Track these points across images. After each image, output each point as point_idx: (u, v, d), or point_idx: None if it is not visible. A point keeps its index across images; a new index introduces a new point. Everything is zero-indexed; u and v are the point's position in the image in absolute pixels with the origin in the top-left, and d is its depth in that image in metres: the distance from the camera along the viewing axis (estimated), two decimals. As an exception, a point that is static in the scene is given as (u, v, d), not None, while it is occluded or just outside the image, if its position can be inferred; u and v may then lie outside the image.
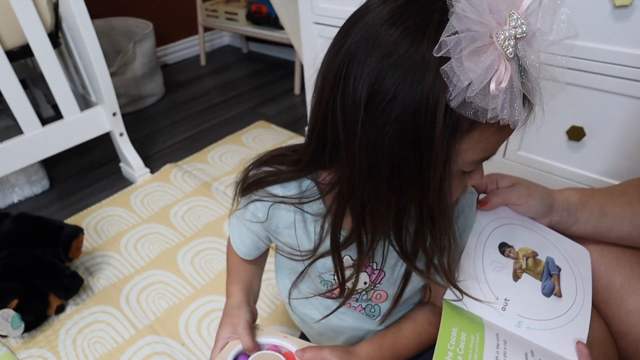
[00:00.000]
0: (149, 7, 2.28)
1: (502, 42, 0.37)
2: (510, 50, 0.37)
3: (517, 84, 0.38)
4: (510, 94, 0.38)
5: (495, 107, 0.37)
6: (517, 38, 0.37)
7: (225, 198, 1.39)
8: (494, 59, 0.37)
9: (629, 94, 0.90)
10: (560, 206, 0.56)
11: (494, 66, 0.37)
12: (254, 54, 2.59)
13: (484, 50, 0.37)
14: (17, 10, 1.14)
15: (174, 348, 0.97)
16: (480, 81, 0.36)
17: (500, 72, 0.37)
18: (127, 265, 1.19)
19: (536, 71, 0.39)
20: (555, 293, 0.53)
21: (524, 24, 0.37)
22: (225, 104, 2.03)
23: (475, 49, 0.36)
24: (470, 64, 0.36)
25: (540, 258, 0.56)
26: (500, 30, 0.37)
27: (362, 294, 0.59)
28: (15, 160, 1.27)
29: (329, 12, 1.32)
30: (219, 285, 1.11)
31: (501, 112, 0.38)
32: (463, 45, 0.36)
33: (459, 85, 0.36)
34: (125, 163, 1.54)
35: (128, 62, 1.90)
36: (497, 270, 0.54)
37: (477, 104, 0.37)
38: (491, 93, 0.37)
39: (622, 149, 0.96)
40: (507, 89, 0.37)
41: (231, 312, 0.62)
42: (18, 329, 0.96)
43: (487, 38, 0.37)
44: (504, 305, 0.52)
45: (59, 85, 1.29)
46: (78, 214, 1.38)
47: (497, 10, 0.37)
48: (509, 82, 0.37)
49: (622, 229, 0.56)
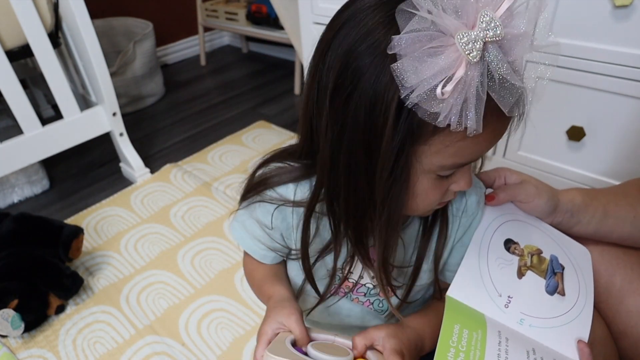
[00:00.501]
0: (149, 7, 2.28)
1: (465, 44, 0.34)
2: (474, 53, 0.34)
3: (476, 90, 0.35)
4: (465, 100, 0.35)
5: (445, 112, 0.35)
6: (487, 41, 0.35)
7: (225, 198, 1.39)
8: (451, 62, 0.35)
9: (629, 94, 0.90)
10: (564, 207, 0.56)
11: (448, 69, 0.35)
12: (254, 54, 2.59)
13: (442, 52, 0.35)
14: (17, 10, 1.14)
15: (174, 348, 0.97)
16: (428, 83, 0.35)
17: (456, 76, 0.35)
18: (127, 265, 1.19)
19: (512, 78, 0.36)
20: (558, 291, 0.53)
21: (499, 27, 0.35)
22: (225, 104, 2.03)
23: (431, 49, 0.35)
24: (421, 65, 0.35)
25: (545, 256, 0.56)
26: (465, 32, 0.34)
27: (370, 289, 0.59)
28: (15, 160, 1.27)
29: (329, 12, 1.32)
30: (219, 285, 1.11)
31: (451, 118, 0.36)
32: (418, 45, 0.34)
33: (405, 85, 0.35)
34: (125, 163, 1.54)
35: (128, 62, 1.90)
36: (501, 267, 0.54)
37: (423, 106, 0.35)
38: (437, 97, 0.35)
39: (622, 149, 0.96)
40: (459, 94, 0.35)
41: (280, 304, 0.54)
42: (18, 329, 0.96)
43: (448, 39, 0.35)
44: (507, 303, 0.51)
45: (59, 85, 1.29)
46: (78, 214, 1.38)
47: (465, 10, 0.35)
48: (462, 87, 0.35)
49: (624, 230, 0.56)
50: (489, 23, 0.34)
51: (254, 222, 0.58)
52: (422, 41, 0.34)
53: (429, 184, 0.44)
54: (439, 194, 0.46)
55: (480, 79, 0.35)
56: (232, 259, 1.18)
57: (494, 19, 0.34)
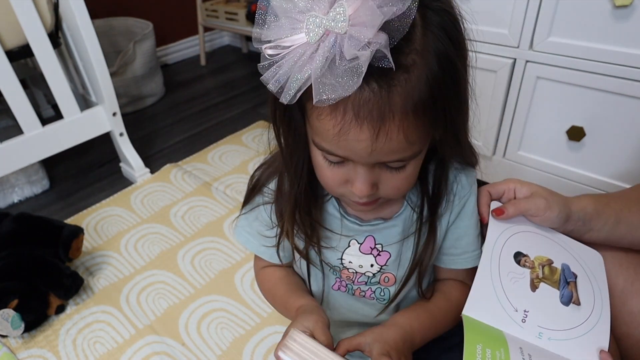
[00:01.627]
0: (149, 7, 2.28)
1: (310, 24, 0.37)
2: (312, 35, 0.37)
3: (301, 67, 0.38)
4: (287, 70, 0.38)
5: (271, 75, 0.40)
6: (331, 31, 0.36)
7: (225, 198, 1.39)
8: (290, 32, 0.38)
9: (629, 94, 0.90)
10: (576, 216, 0.55)
11: (286, 38, 0.38)
12: (254, 54, 2.58)
13: (292, 25, 0.38)
14: (17, 10, 1.14)
15: (174, 348, 0.97)
16: (267, 38, 0.38)
17: (285, 45, 0.38)
18: (127, 265, 1.19)
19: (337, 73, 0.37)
20: (573, 301, 0.53)
21: (344, 22, 0.36)
22: (225, 104, 2.03)
23: (288, 19, 0.38)
24: (272, 25, 0.38)
25: (556, 265, 0.55)
26: (314, 14, 0.37)
27: (370, 278, 0.59)
28: (15, 160, 1.27)
29: (329, 12, 1.32)
30: (219, 285, 1.11)
31: (272, 83, 0.40)
32: (281, 10, 0.38)
33: (255, 34, 0.39)
34: (125, 163, 1.54)
35: (128, 62, 1.90)
36: (514, 281, 0.53)
37: (261, 62, 0.40)
38: (264, 56, 0.39)
39: (622, 148, 0.96)
40: (286, 64, 0.38)
41: (308, 310, 0.53)
42: (18, 329, 0.96)
43: (302, 15, 0.37)
44: (524, 317, 0.51)
45: (59, 85, 1.29)
46: (78, 214, 1.38)
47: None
48: (290, 58, 0.38)
49: (635, 236, 0.56)
50: (338, 13, 0.36)
51: (255, 223, 0.60)
52: (285, 9, 0.38)
53: (322, 162, 0.47)
54: (334, 180, 0.48)
55: (309, 60, 0.37)
56: (232, 259, 1.18)
57: (343, 12, 0.36)
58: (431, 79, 0.39)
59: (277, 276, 0.64)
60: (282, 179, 0.56)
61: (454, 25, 0.42)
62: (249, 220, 0.62)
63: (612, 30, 0.87)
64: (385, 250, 0.58)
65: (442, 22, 0.40)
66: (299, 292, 0.60)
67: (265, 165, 0.60)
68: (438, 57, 0.39)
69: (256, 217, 0.61)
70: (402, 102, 0.38)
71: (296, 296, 0.59)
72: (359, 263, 0.58)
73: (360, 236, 0.57)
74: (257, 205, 0.60)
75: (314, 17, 0.36)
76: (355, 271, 0.59)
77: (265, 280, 0.65)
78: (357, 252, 0.57)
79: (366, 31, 0.35)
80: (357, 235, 0.57)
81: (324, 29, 0.36)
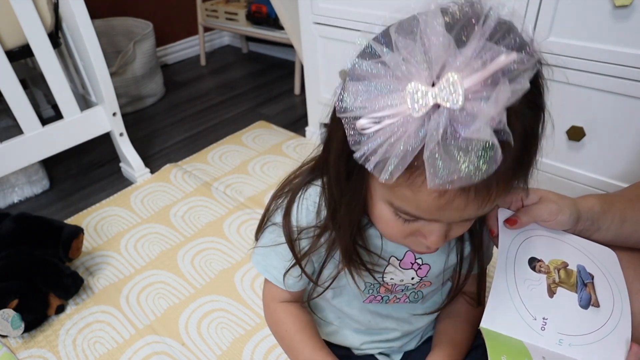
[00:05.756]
0: (149, 7, 2.28)
1: (413, 94, 0.32)
2: (417, 108, 0.32)
3: (404, 145, 0.32)
4: (388, 148, 0.33)
5: (364, 150, 0.34)
6: (440, 104, 0.31)
7: (225, 198, 1.39)
8: (389, 105, 0.32)
9: (629, 94, 0.90)
10: (585, 216, 0.55)
11: (383, 109, 0.33)
12: (254, 54, 2.59)
13: (389, 92, 0.33)
14: (17, 10, 1.14)
15: (174, 348, 0.97)
16: (359, 111, 0.33)
17: (386, 121, 0.32)
18: (127, 265, 1.19)
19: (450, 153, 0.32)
20: (592, 303, 0.52)
21: (460, 96, 0.31)
22: (225, 104, 2.03)
23: (380, 84, 0.33)
24: (363, 93, 0.33)
25: (572, 268, 0.54)
26: (419, 84, 0.32)
27: (409, 287, 0.59)
28: (15, 160, 1.27)
29: (329, 12, 1.32)
30: (219, 285, 1.11)
31: (368, 158, 0.34)
32: (371, 75, 0.33)
33: (341, 103, 0.34)
34: (125, 163, 1.54)
35: (128, 62, 1.90)
36: (531, 289, 0.52)
37: (349, 132, 0.34)
38: (357, 129, 0.34)
39: (622, 148, 0.96)
40: (384, 140, 0.33)
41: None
42: (18, 329, 0.96)
43: (401, 82, 0.33)
44: (543, 325, 0.50)
45: (59, 85, 1.29)
46: (78, 214, 1.38)
47: (436, 63, 0.32)
48: (389, 134, 0.32)
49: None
50: (450, 85, 0.31)
51: (273, 255, 0.58)
52: (376, 75, 0.33)
53: (388, 215, 0.43)
54: (401, 232, 0.44)
55: (414, 136, 0.32)
56: (232, 259, 1.18)
57: (458, 84, 0.31)
58: (525, 137, 0.36)
59: (297, 322, 0.61)
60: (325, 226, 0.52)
61: (537, 76, 0.38)
62: (268, 254, 0.59)
63: (612, 30, 0.87)
64: (426, 263, 0.57)
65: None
66: (309, 339, 0.59)
67: (282, 198, 0.56)
68: (530, 112, 0.36)
69: (277, 253, 0.58)
70: (505, 168, 0.35)
71: (305, 345, 0.58)
72: (400, 278, 0.57)
73: (399, 252, 0.56)
74: (281, 243, 0.56)
75: (418, 87, 0.32)
76: (395, 284, 0.58)
77: (272, 314, 0.63)
78: (397, 268, 0.56)
79: (489, 109, 0.30)
80: (396, 251, 0.56)
81: (433, 102, 0.31)
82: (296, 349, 0.59)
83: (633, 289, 0.55)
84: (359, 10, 1.25)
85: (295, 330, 0.60)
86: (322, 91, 1.52)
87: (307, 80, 1.54)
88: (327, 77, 1.47)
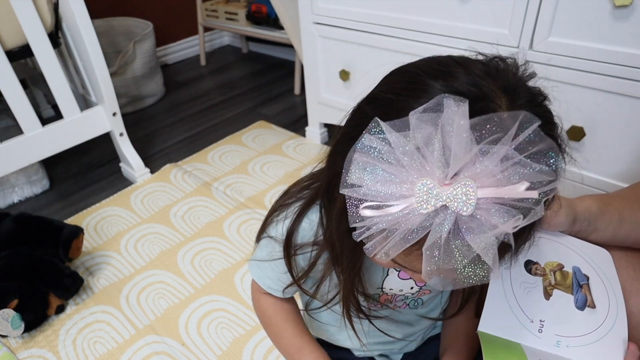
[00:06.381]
0: (149, 7, 2.28)
1: (422, 192, 0.31)
2: (425, 206, 0.31)
3: (403, 236, 0.32)
4: (387, 236, 0.32)
5: (361, 231, 0.33)
6: (448, 207, 0.31)
7: (225, 198, 1.39)
8: (395, 195, 0.32)
9: (629, 94, 0.90)
10: (582, 217, 0.55)
11: (386, 199, 0.32)
12: (254, 54, 2.59)
13: (395, 181, 0.32)
14: (17, 10, 1.14)
15: (174, 348, 0.97)
16: (361, 194, 0.32)
17: (389, 211, 0.31)
18: (127, 265, 1.19)
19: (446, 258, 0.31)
20: (588, 305, 0.52)
21: (471, 204, 0.30)
22: (225, 104, 2.03)
23: (387, 172, 0.32)
24: (368, 175, 0.32)
25: (567, 269, 0.54)
26: (432, 182, 0.31)
27: (409, 296, 0.59)
28: (15, 160, 1.27)
29: (329, 12, 1.32)
30: (219, 285, 1.11)
31: (365, 240, 0.33)
32: (378, 161, 0.32)
33: (345, 178, 0.33)
34: (125, 163, 1.54)
35: (128, 62, 1.90)
36: (527, 291, 0.52)
37: (349, 208, 0.34)
38: (360, 212, 0.33)
39: (622, 148, 0.96)
40: (385, 226, 0.32)
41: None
42: (18, 329, 0.96)
43: (410, 174, 0.31)
44: (540, 327, 0.50)
45: (59, 85, 1.29)
46: (78, 214, 1.38)
47: (451, 166, 0.30)
48: (391, 223, 0.32)
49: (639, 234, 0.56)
50: (463, 193, 0.30)
51: (272, 266, 0.58)
52: (386, 160, 0.32)
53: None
54: (390, 265, 0.44)
55: (417, 228, 0.31)
56: (232, 259, 1.18)
57: (471, 193, 0.30)
58: (528, 230, 0.37)
59: (280, 311, 0.63)
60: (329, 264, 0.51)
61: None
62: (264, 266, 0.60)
63: (612, 30, 0.87)
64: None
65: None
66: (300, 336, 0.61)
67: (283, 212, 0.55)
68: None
69: (272, 266, 0.59)
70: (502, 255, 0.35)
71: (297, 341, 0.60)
72: (399, 288, 0.57)
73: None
74: (277, 258, 0.56)
75: (430, 185, 0.31)
76: (395, 294, 0.58)
77: (268, 314, 0.64)
78: (396, 279, 0.56)
79: (498, 223, 0.30)
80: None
81: (442, 203, 0.30)
82: (279, 335, 0.62)
83: (633, 289, 0.55)
84: (359, 10, 1.25)
85: (278, 318, 0.62)
86: (322, 91, 1.52)
87: (307, 80, 1.54)
88: (327, 77, 1.47)
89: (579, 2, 0.89)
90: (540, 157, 0.31)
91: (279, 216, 0.55)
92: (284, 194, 0.56)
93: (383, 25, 1.22)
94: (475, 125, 0.30)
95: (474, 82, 0.34)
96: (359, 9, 1.25)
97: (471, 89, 0.33)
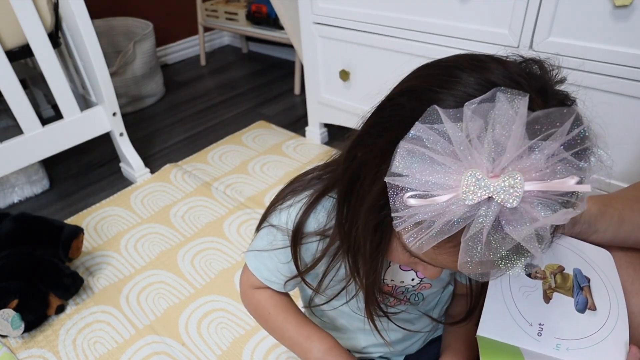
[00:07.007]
0: (149, 7, 2.28)
1: (469, 183, 0.31)
2: (470, 197, 0.31)
3: (444, 226, 0.32)
4: (426, 225, 0.32)
5: (402, 219, 0.33)
6: (494, 199, 0.31)
7: (225, 198, 1.39)
8: (441, 185, 0.32)
9: (629, 94, 0.90)
10: (582, 219, 0.55)
11: (433, 188, 0.32)
12: (254, 54, 2.59)
13: (443, 171, 0.32)
14: (17, 10, 1.14)
15: (174, 348, 0.97)
16: (407, 182, 0.32)
17: (436, 200, 0.31)
18: (127, 265, 1.19)
19: (486, 250, 0.31)
20: (589, 307, 0.52)
21: (517, 197, 0.30)
22: (225, 104, 2.03)
23: (435, 161, 0.32)
24: (416, 164, 0.32)
25: (568, 272, 0.54)
26: (480, 173, 0.31)
27: (409, 289, 0.59)
28: (15, 160, 1.27)
29: (329, 12, 1.32)
30: (219, 285, 1.11)
31: (404, 228, 0.33)
32: (428, 149, 0.32)
33: (392, 168, 0.33)
34: (125, 163, 1.54)
35: (128, 62, 1.90)
36: (526, 295, 0.52)
37: (391, 197, 0.33)
38: (404, 201, 0.32)
39: (622, 148, 0.96)
40: (426, 215, 0.32)
41: (335, 353, 0.54)
42: (18, 329, 0.96)
43: (460, 166, 0.31)
44: (539, 331, 0.50)
45: (59, 85, 1.29)
46: (78, 214, 1.38)
47: (501, 158, 0.31)
48: (433, 213, 0.32)
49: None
50: (510, 185, 0.30)
51: (272, 257, 0.57)
52: (434, 150, 0.32)
53: (396, 246, 0.43)
54: (402, 260, 0.45)
55: (459, 219, 0.31)
56: (232, 259, 1.18)
57: (518, 186, 0.30)
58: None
59: (279, 303, 0.62)
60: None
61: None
62: (262, 255, 0.59)
63: (612, 30, 0.87)
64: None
65: None
66: (303, 324, 0.59)
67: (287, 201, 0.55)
68: None
69: (271, 256, 0.58)
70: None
71: (298, 328, 0.58)
72: (400, 279, 0.57)
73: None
74: (278, 247, 0.55)
75: (478, 176, 0.31)
76: (396, 285, 0.58)
77: (266, 308, 0.62)
78: (397, 270, 0.56)
79: (540, 217, 0.30)
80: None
81: (488, 195, 0.30)
82: (282, 328, 0.60)
83: (633, 290, 0.55)
84: (359, 10, 1.25)
85: (278, 310, 0.60)
86: (322, 91, 1.51)
87: (307, 80, 1.54)
88: (327, 77, 1.47)
89: (579, 2, 0.89)
90: (582, 155, 0.32)
91: (283, 204, 0.54)
92: (289, 184, 0.55)
93: (383, 25, 1.22)
94: (537, 119, 0.31)
95: (511, 77, 0.35)
96: (359, 9, 1.25)
97: (510, 84, 0.34)
